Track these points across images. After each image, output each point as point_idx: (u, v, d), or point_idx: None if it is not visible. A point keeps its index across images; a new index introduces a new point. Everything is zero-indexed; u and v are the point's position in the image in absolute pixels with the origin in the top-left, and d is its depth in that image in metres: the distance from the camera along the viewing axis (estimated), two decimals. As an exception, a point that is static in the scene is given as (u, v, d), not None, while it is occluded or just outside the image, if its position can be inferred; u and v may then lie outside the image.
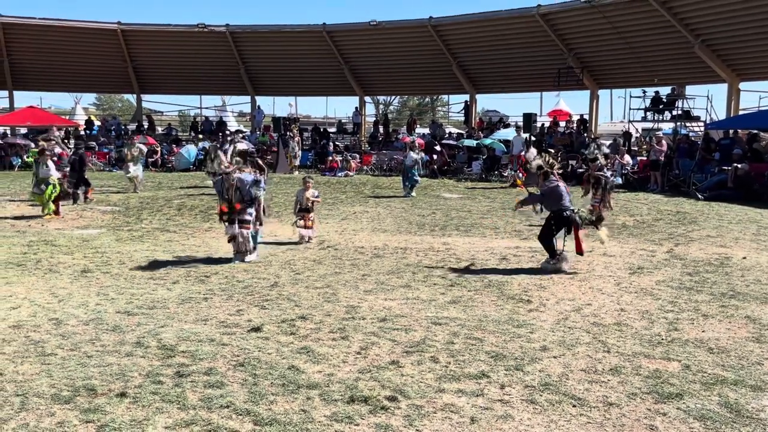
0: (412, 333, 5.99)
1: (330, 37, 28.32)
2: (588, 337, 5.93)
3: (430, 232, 11.69)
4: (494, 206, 15.29)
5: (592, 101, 25.69)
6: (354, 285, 7.82)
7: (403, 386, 4.77)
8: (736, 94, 22.04)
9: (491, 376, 4.98)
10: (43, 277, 8.17)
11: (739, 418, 4.32)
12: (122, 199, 15.82)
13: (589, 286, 7.85)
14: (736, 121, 21.20)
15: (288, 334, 5.94)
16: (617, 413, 4.39)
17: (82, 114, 38.50)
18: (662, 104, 23.28)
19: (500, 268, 8.79)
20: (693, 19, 20.96)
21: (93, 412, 4.31)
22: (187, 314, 6.59)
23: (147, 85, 31.43)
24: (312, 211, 10.73)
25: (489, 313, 6.65)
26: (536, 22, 24.11)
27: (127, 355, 5.39)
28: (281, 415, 4.30)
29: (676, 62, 22.64)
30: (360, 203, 15.80)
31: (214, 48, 29.47)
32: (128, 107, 50.03)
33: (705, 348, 5.64)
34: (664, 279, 8.16)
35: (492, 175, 22.11)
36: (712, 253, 9.73)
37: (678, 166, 19.75)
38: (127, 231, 11.69)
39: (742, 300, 7.17)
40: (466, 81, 27.85)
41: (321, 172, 23.83)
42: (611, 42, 23.28)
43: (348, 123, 32.40)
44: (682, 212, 14.35)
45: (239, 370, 5.05)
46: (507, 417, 4.32)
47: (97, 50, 29.28)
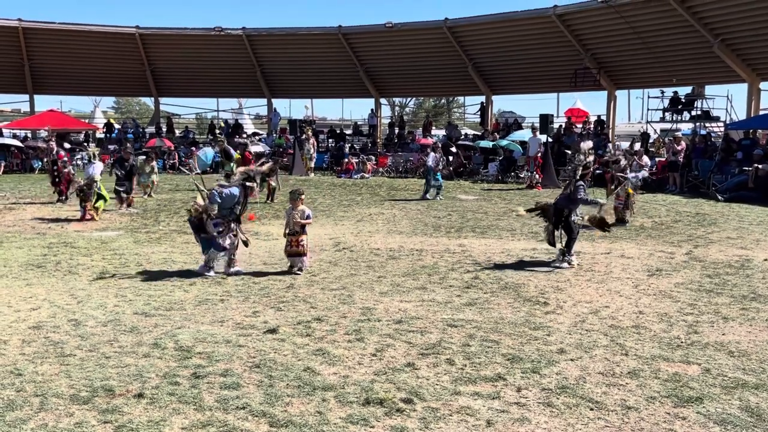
0: (428, 335, 5.97)
1: (345, 39, 28.38)
2: (606, 339, 5.87)
3: (446, 234, 11.66)
4: (511, 208, 15.20)
5: (609, 102, 25.47)
6: (369, 287, 7.81)
7: (419, 388, 4.75)
8: (756, 94, 21.72)
9: (507, 378, 4.95)
10: (63, 278, 8.26)
11: (761, 422, 4.25)
12: (140, 201, 15.95)
13: (606, 288, 7.78)
14: (757, 122, 20.88)
15: (304, 335, 5.95)
16: (636, 417, 4.33)
17: (101, 117, 38.97)
18: (681, 105, 23.02)
19: (517, 270, 8.73)
20: (712, 18, 20.69)
21: (111, 413, 4.34)
22: (204, 316, 6.62)
23: (165, 89, 31.73)
24: (303, 234, 8.63)
25: (505, 315, 6.61)
26: (552, 23, 23.97)
27: (144, 356, 5.43)
28: (297, 416, 4.30)
29: (695, 62, 22.38)
30: (376, 205, 15.80)
31: (231, 51, 29.68)
32: (146, 110, 50.58)
33: (725, 351, 5.56)
34: (683, 281, 8.05)
35: (508, 176, 22.00)
36: (732, 255, 9.59)
37: (697, 167, 19.52)
38: (145, 233, 11.79)
39: (763, 302, 7.06)
40: (481, 82, 27.75)
41: (337, 174, 23.88)
42: (629, 42, 23.06)
43: (364, 125, 32.45)
44: (702, 213, 14.17)
45: (255, 372, 5.07)
46: (523, 420, 4.28)
47: (116, 54, 29.62)
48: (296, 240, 8.55)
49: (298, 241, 8.55)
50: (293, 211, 8.61)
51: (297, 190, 8.83)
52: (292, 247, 8.58)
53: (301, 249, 8.57)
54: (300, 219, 8.53)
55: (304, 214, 8.64)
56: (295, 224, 8.53)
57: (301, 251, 8.57)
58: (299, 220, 8.52)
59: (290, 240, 8.58)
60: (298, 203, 8.66)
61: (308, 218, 8.69)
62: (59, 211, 14.34)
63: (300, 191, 8.83)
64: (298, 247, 8.55)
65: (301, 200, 8.75)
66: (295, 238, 8.55)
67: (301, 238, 8.55)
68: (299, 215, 8.57)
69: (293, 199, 8.72)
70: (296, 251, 8.56)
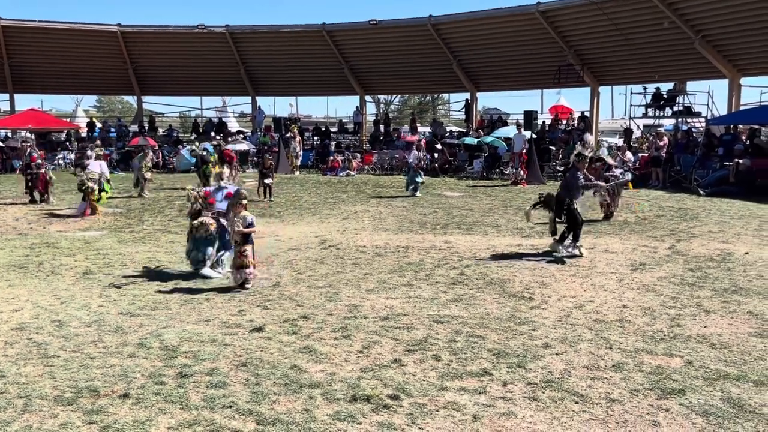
0: (414, 331, 5.99)
1: (330, 36, 28.32)
2: (590, 333, 5.93)
3: (432, 231, 11.69)
4: (496, 204, 15.28)
5: (592, 98, 25.66)
6: (356, 284, 7.82)
7: (406, 385, 4.77)
8: (737, 90, 21.99)
9: (493, 373, 4.98)
10: (46, 279, 8.18)
11: (742, 413, 4.31)
12: (124, 200, 15.82)
13: (591, 282, 7.85)
14: (738, 117, 21.16)
15: (290, 333, 5.95)
16: (620, 409, 4.38)
17: (83, 116, 38.54)
18: (663, 100, 23.26)
19: (502, 265, 8.79)
20: (693, 14, 20.92)
21: (96, 414, 4.32)
22: (189, 315, 6.59)
23: (147, 87, 31.46)
24: (247, 245, 7.54)
25: (491, 311, 6.65)
26: (536, 20, 24.08)
27: (129, 356, 5.39)
28: (284, 414, 4.30)
29: (677, 58, 22.60)
30: (361, 202, 15.80)
31: (214, 49, 29.50)
32: (129, 109, 50.07)
33: (707, 344, 5.64)
34: (666, 275, 8.15)
35: (493, 173, 22.10)
36: (714, 249, 9.71)
37: (679, 162, 19.73)
38: (129, 233, 11.70)
39: (744, 295, 7.16)
40: (466, 79, 27.83)
41: (322, 172, 23.84)
42: (611, 38, 23.25)
43: (349, 122, 32.41)
44: (684, 208, 14.34)
45: (242, 370, 5.06)
46: (509, 414, 4.31)
47: (98, 52, 29.31)
48: (239, 251, 7.53)
49: (242, 252, 7.52)
50: (234, 218, 7.55)
51: (237, 195, 7.72)
52: (237, 259, 7.58)
53: (245, 260, 7.50)
54: (242, 227, 7.46)
55: (246, 222, 7.52)
56: (236, 234, 7.53)
57: (246, 263, 7.51)
58: (241, 230, 7.47)
59: (234, 251, 7.62)
60: (238, 209, 7.58)
61: (250, 226, 7.55)
62: (50, 210, 14.18)
63: (242, 196, 7.69)
64: (241, 258, 7.52)
65: (242, 205, 7.62)
66: (238, 249, 7.54)
67: (244, 248, 7.52)
68: (241, 223, 7.50)
69: (233, 204, 7.64)
70: (240, 263, 7.53)
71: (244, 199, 7.64)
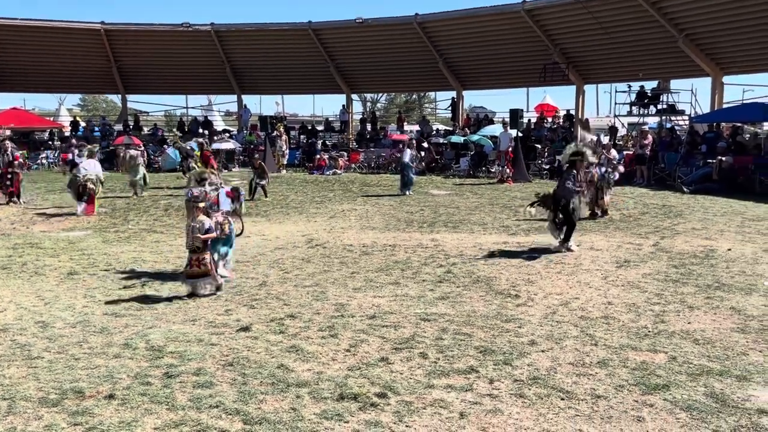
0: (401, 329, 6.01)
1: (316, 35, 28.24)
2: (576, 330, 5.97)
3: (419, 229, 11.71)
4: (482, 202, 15.34)
5: (578, 96, 25.80)
6: (343, 283, 7.82)
7: (393, 383, 4.78)
8: (719, 88, 22.22)
9: (480, 371, 5.01)
10: (29, 279, 8.09)
11: (725, 408, 4.37)
12: (109, 200, 15.68)
13: (576, 280, 7.90)
14: (720, 115, 21.38)
15: (277, 333, 5.94)
16: (605, 405, 4.42)
17: (67, 115, 38.15)
18: (647, 98, 23.43)
19: (488, 263, 8.82)
20: (676, 13, 21.10)
21: (81, 415, 4.28)
22: (176, 315, 6.56)
23: (132, 85, 31.21)
24: (206, 252, 7.15)
25: (477, 309, 6.67)
26: (521, 18, 24.17)
27: (115, 356, 5.36)
28: (271, 414, 4.30)
29: (661, 57, 22.78)
30: (348, 201, 15.79)
31: (199, 47, 29.31)
32: (113, 108, 49.65)
33: (691, 339, 5.70)
34: (650, 272, 8.23)
35: (480, 171, 22.17)
36: (697, 246, 9.82)
37: (663, 159, 19.91)
38: (114, 232, 11.61)
39: (727, 291, 7.25)
40: (452, 78, 27.88)
41: (309, 171, 23.78)
42: (596, 37, 23.38)
43: (335, 121, 32.35)
44: (668, 205, 14.47)
45: (228, 370, 5.04)
46: (496, 411, 4.34)
47: (81, 50, 29.03)
48: (197, 259, 7.10)
49: (200, 260, 7.09)
50: (192, 223, 7.16)
51: (194, 197, 7.36)
52: (193, 267, 7.12)
53: (204, 269, 7.11)
54: (200, 234, 7.05)
55: (204, 227, 7.10)
56: (195, 240, 7.08)
57: (205, 271, 7.12)
58: (199, 236, 7.06)
59: (190, 259, 7.15)
60: (196, 213, 7.17)
61: (209, 231, 7.16)
62: (34, 209, 14.03)
63: (198, 198, 7.32)
64: (200, 266, 7.09)
65: (199, 209, 7.19)
66: (196, 256, 7.11)
67: (203, 256, 7.11)
68: (198, 228, 7.10)
69: (190, 207, 7.24)
70: (198, 272, 7.11)
71: (201, 203, 7.28)
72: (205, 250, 7.16)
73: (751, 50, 20.93)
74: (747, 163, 17.61)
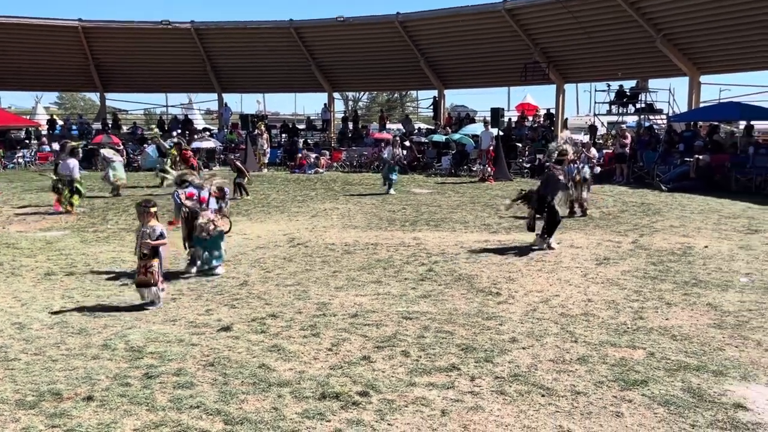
0: (383, 328, 6.01)
1: (297, 33, 28.14)
2: (556, 327, 6.03)
3: (401, 228, 11.73)
4: (464, 201, 15.40)
5: (558, 95, 26.01)
6: (325, 282, 7.81)
7: (375, 381, 4.78)
8: (696, 87, 22.54)
9: (461, 368, 5.03)
10: (5, 280, 7.97)
11: (702, 402, 4.44)
12: (87, 200, 15.48)
13: (556, 277, 7.97)
14: (698, 114, 21.70)
15: (258, 332, 5.91)
16: (584, 401, 4.47)
17: (44, 113, 37.61)
18: (626, 97, 23.70)
19: (470, 261, 8.86)
20: (654, 13, 21.36)
21: (59, 417, 4.23)
22: (155, 315, 6.50)
23: (110, 84, 30.85)
24: (154, 259, 6.74)
25: (459, 307, 6.70)
26: (502, 18, 24.30)
27: (93, 358, 5.30)
28: (252, 413, 4.28)
29: (639, 56, 23.04)
30: (330, 200, 15.76)
31: (179, 45, 29.06)
32: (91, 106, 49.06)
33: (669, 335, 5.78)
34: (629, 269, 8.32)
35: (461, 169, 22.26)
36: (675, 243, 9.95)
37: (642, 158, 20.15)
38: (93, 232, 11.46)
39: (703, 288, 7.36)
40: (434, 77, 27.95)
41: (290, 170, 23.70)
42: (576, 36, 23.58)
43: (317, 120, 32.26)
44: (647, 203, 14.65)
45: (209, 370, 5.01)
46: (477, 408, 4.36)
47: (58, 48, 28.63)
48: (144, 266, 6.70)
49: (146, 268, 6.70)
50: (143, 229, 6.80)
51: (144, 202, 6.98)
52: (140, 275, 6.75)
53: (150, 277, 6.69)
54: (151, 240, 6.69)
55: (155, 233, 6.74)
56: (143, 246, 6.72)
57: (150, 280, 6.70)
58: (149, 242, 6.69)
59: (138, 266, 6.80)
60: (147, 218, 6.81)
61: (160, 237, 6.76)
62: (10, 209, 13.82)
63: (150, 202, 6.95)
64: (146, 274, 6.70)
65: (150, 214, 6.84)
66: (143, 263, 6.72)
67: (151, 263, 6.70)
68: (150, 234, 6.74)
69: (141, 212, 6.87)
70: (143, 280, 6.71)
71: (152, 207, 6.89)
72: (154, 257, 6.74)
73: (727, 50, 21.27)
74: (723, 161, 17.90)
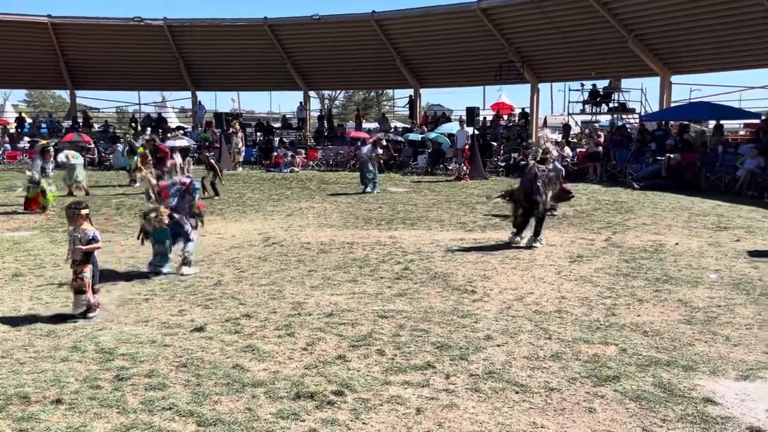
0: (359, 327, 5.99)
1: (272, 31, 27.97)
2: (530, 324, 6.07)
3: (377, 227, 11.72)
4: (440, 199, 15.45)
5: (532, 95, 26.24)
6: (300, 281, 7.76)
7: (350, 380, 4.76)
8: (667, 87, 22.94)
9: (437, 366, 5.04)
10: (-29, 282, 7.77)
11: (672, 397, 4.50)
12: (57, 199, 15.18)
13: (531, 275, 8.03)
14: (669, 113, 22.08)
15: (232, 332, 5.85)
16: (558, 398, 4.51)
17: (12, 111, 36.81)
18: (599, 97, 24.01)
19: (446, 259, 8.89)
20: (626, 14, 21.67)
21: (26, 421, 4.13)
22: (127, 316, 6.40)
23: (81, 81, 30.33)
24: (86, 265, 6.29)
25: (435, 305, 6.71)
26: (477, 17, 24.44)
27: (62, 360, 5.19)
28: (226, 414, 4.23)
29: (612, 56, 23.38)
30: (306, 199, 15.69)
31: (152, 42, 28.70)
32: (61, 104, 48.18)
33: (640, 331, 5.86)
34: (602, 266, 8.42)
35: (437, 168, 22.33)
36: (647, 240, 10.10)
37: (615, 157, 20.43)
38: (62, 232, 11.22)
39: (674, 284, 7.48)
40: (410, 75, 28.00)
41: (266, 168, 23.54)
42: (550, 36, 23.82)
43: (293, 118, 32.10)
44: (620, 201, 14.85)
45: (182, 371, 4.94)
46: (452, 406, 4.37)
47: (27, 44, 28.07)
48: (75, 272, 6.29)
49: (77, 274, 6.28)
50: (74, 233, 6.33)
51: (75, 204, 6.54)
52: (73, 282, 6.35)
53: (80, 284, 6.25)
54: (82, 245, 6.26)
55: (87, 237, 6.30)
56: (75, 252, 6.28)
57: (80, 287, 6.25)
58: (80, 247, 6.26)
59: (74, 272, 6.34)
60: (78, 221, 6.34)
61: (92, 242, 6.33)
62: None
63: (81, 204, 6.52)
64: (76, 281, 6.28)
65: (81, 217, 6.36)
66: (74, 269, 6.31)
67: (82, 269, 6.27)
68: (80, 238, 6.30)
69: (71, 216, 6.39)
70: (76, 287, 6.31)
71: (82, 210, 6.40)
72: (86, 264, 6.30)
73: (697, 51, 21.68)
74: (694, 160, 18.24)
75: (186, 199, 8.30)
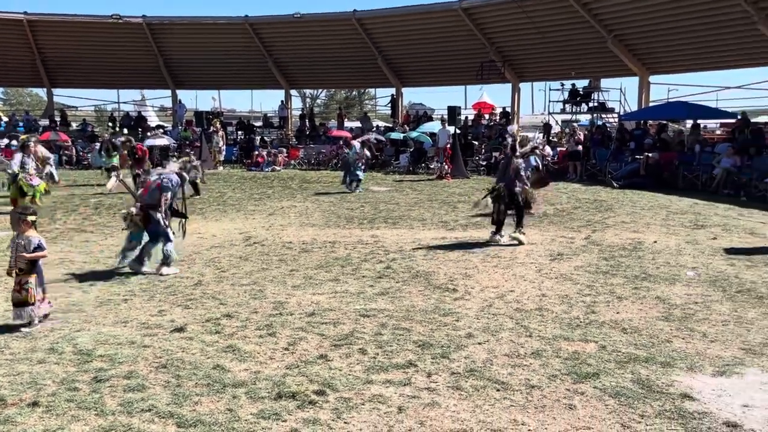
0: (341, 326, 5.99)
1: (253, 29, 27.81)
2: (511, 322, 6.11)
3: (359, 226, 11.71)
4: (421, 198, 15.48)
5: (513, 94, 26.40)
6: (282, 281, 7.73)
7: (332, 380, 4.76)
8: (646, 87, 23.21)
9: (418, 365, 5.05)
10: (-55, 283, 7.62)
11: (651, 393, 4.56)
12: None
13: (512, 273, 8.08)
14: (647, 113, 22.34)
15: (213, 333, 5.81)
16: (539, 395, 4.54)
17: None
18: (579, 96, 24.22)
19: (427, 258, 8.91)
20: (605, 15, 21.88)
21: (3, 424, 4.07)
22: (106, 317, 6.32)
23: (58, 79, 29.91)
24: (30, 275, 5.88)
25: (416, 303, 6.73)
26: (458, 16, 24.52)
27: (39, 362, 5.11)
28: (206, 415, 4.20)
29: (591, 56, 23.59)
30: (287, 198, 15.62)
31: (131, 40, 28.37)
32: (38, 102, 47.48)
33: (619, 329, 5.92)
34: (582, 264, 8.50)
35: (419, 167, 22.38)
36: (626, 239, 10.21)
37: (595, 156, 20.62)
38: (40, 232, 11.03)
39: (652, 282, 7.57)
40: (391, 74, 28.01)
41: (247, 167, 23.41)
42: (530, 36, 23.98)
43: (274, 117, 31.94)
44: (599, 200, 15.00)
45: (162, 372, 4.89)
46: (434, 404, 4.38)
47: (2, 42, 27.62)
48: (19, 282, 5.86)
49: (21, 284, 5.84)
50: (17, 240, 5.94)
51: (22, 209, 6.33)
52: (15, 292, 5.90)
53: (25, 295, 5.83)
54: (26, 252, 5.86)
55: (31, 245, 5.91)
56: (19, 259, 5.86)
57: (26, 298, 5.84)
58: (24, 254, 5.86)
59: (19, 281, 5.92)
60: (23, 227, 5.96)
61: (38, 250, 5.95)
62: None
63: (28, 209, 6.27)
64: (20, 291, 5.84)
65: (26, 223, 5.98)
66: (18, 279, 5.87)
67: (27, 279, 5.86)
68: (24, 245, 5.90)
69: (15, 221, 6.08)
70: (19, 298, 5.85)
71: (31, 216, 6.07)
72: (31, 273, 5.90)
73: (675, 52, 21.96)
74: (672, 159, 18.48)
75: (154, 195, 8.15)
